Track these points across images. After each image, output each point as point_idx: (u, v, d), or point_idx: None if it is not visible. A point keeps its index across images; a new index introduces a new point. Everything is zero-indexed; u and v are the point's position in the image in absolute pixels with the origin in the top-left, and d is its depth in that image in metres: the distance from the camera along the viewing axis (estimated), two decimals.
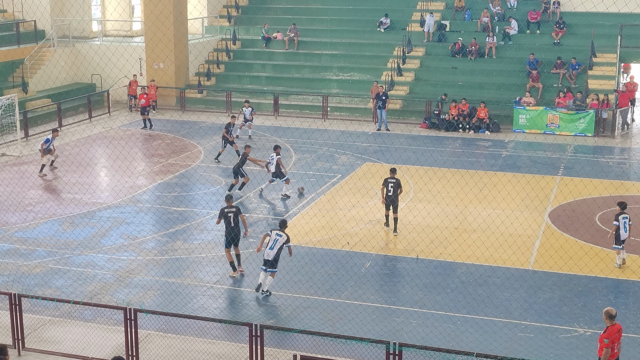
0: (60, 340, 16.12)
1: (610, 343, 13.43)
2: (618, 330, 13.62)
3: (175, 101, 41.73)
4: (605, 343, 13.44)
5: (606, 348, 13.44)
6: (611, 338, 13.46)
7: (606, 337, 13.45)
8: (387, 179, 22.68)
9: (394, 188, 22.50)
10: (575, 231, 22.58)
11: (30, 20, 41.98)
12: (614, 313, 13.60)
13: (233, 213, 19.53)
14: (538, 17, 42.24)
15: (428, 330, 16.52)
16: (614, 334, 13.52)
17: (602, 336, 13.54)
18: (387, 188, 22.55)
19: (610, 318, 13.59)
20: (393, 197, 22.47)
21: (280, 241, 18.48)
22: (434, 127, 36.61)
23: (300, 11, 47.45)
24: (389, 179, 22.66)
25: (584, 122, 35.25)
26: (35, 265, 20.18)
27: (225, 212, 19.52)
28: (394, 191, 22.48)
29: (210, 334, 16.34)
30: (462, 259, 20.59)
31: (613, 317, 13.59)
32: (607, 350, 13.43)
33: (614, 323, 13.60)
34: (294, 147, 32.60)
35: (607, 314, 13.64)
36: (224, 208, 19.65)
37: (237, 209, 19.73)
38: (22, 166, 29.78)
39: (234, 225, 19.41)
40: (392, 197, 22.47)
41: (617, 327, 13.61)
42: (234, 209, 19.67)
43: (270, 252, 18.35)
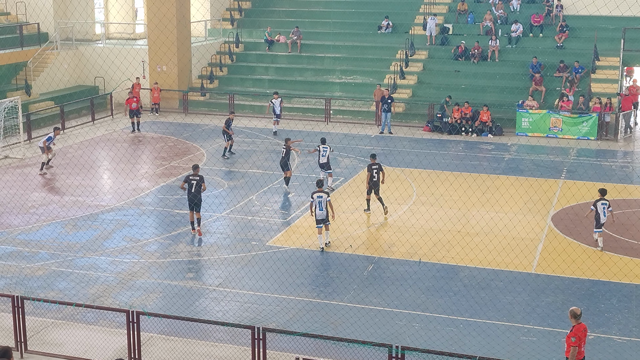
0: (63, 343, 16.12)
1: (577, 341, 13.58)
2: (584, 329, 13.75)
3: (178, 104, 41.77)
4: (572, 342, 13.59)
5: (573, 347, 13.58)
6: (578, 336, 13.60)
7: (573, 336, 13.62)
8: (370, 165, 24.09)
9: (377, 173, 23.89)
10: (578, 234, 22.55)
11: (33, 22, 42.05)
12: (579, 312, 13.78)
13: (196, 181, 22.13)
14: (541, 20, 42.23)
15: (430, 333, 16.50)
16: (580, 332, 13.65)
17: (569, 335, 13.69)
18: (371, 174, 23.92)
19: (575, 317, 13.76)
20: (377, 180, 23.93)
21: (325, 199, 21.35)
22: (436, 130, 36.61)
23: (303, 14, 47.50)
24: (372, 165, 24.06)
25: (586, 125, 35.23)
26: (38, 267, 20.19)
27: (190, 179, 22.22)
28: (378, 176, 23.90)
29: (212, 336, 16.35)
30: (465, 262, 20.57)
31: (578, 316, 13.76)
32: (574, 349, 13.56)
33: (580, 322, 13.75)
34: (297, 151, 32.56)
35: (573, 313, 13.82)
36: (189, 175, 22.40)
37: (200, 177, 22.25)
38: (25, 168, 29.81)
39: (194, 191, 22.03)
40: (375, 181, 23.92)
41: (582, 326, 13.76)
42: (198, 177, 22.22)
43: (322, 213, 21.31)
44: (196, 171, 22.43)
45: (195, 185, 22.14)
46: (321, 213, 21.34)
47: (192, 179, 22.20)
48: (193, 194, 22.10)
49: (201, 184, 22.17)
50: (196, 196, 22.10)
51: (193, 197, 22.08)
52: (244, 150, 32.64)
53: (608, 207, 21.44)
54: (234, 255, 21.14)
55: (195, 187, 22.11)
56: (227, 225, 23.63)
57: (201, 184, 22.17)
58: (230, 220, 24.03)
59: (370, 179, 23.94)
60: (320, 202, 21.36)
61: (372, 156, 24.60)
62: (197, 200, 22.15)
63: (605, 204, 21.46)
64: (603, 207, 21.43)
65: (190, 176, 22.31)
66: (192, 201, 22.12)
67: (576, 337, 13.54)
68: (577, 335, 13.56)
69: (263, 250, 21.48)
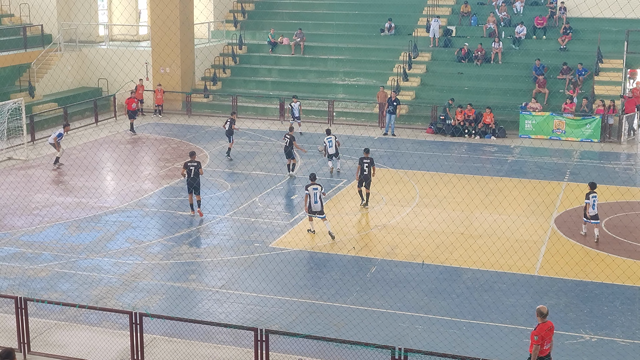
0: (66, 344, 16.14)
1: (540, 340, 13.73)
2: (549, 328, 13.89)
3: (181, 105, 41.80)
4: (535, 340, 13.73)
5: (536, 345, 13.72)
6: (541, 335, 13.75)
7: (536, 334, 13.75)
8: (362, 159, 25.06)
9: (368, 167, 24.87)
10: (582, 237, 22.53)
11: (37, 24, 42.11)
12: (545, 311, 13.92)
13: (194, 167, 23.92)
14: (544, 22, 42.23)
15: (433, 335, 16.49)
16: (544, 331, 13.80)
17: (533, 333, 13.88)
18: (362, 167, 24.92)
19: (541, 315, 13.91)
20: (368, 174, 24.89)
21: (320, 191, 22.29)
22: (439, 132, 36.61)
23: (307, 16, 47.52)
24: (363, 159, 25.01)
25: (590, 128, 35.21)
26: (41, 269, 20.21)
27: (188, 165, 24.01)
28: (369, 170, 24.88)
29: (215, 338, 16.35)
30: (468, 265, 20.56)
31: (544, 314, 13.90)
32: (536, 347, 13.73)
33: (546, 320, 13.89)
34: (300, 152, 32.58)
35: (539, 311, 13.96)
36: (188, 162, 24.11)
37: (197, 163, 24.08)
38: (28, 170, 29.85)
39: (194, 175, 23.83)
40: (367, 174, 24.90)
41: (548, 325, 13.89)
42: (195, 163, 24.03)
43: (317, 205, 22.19)
44: (193, 157, 24.30)
45: (193, 170, 23.95)
46: (316, 205, 22.25)
47: (190, 164, 24.07)
48: (192, 178, 23.88)
49: (199, 169, 24.04)
50: (195, 180, 23.91)
51: (192, 180, 23.88)
52: (247, 152, 32.66)
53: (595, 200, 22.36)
54: (237, 257, 21.15)
55: (194, 172, 23.93)
56: (230, 227, 23.64)
57: (199, 169, 24.04)
58: (233, 222, 24.05)
59: (361, 172, 24.94)
60: (316, 194, 22.26)
61: (365, 150, 25.46)
62: (195, 183, 23.94)
63: (595, 196, 22.29)
64: (594, 199, 22.26)
65: (189, 162, 24.16)
66: (192, 185, 23.94)
67: (539, 335, 13.73)
68: (541, 333, 13.76)
69: (266, 252, 21.49)
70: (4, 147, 32.11)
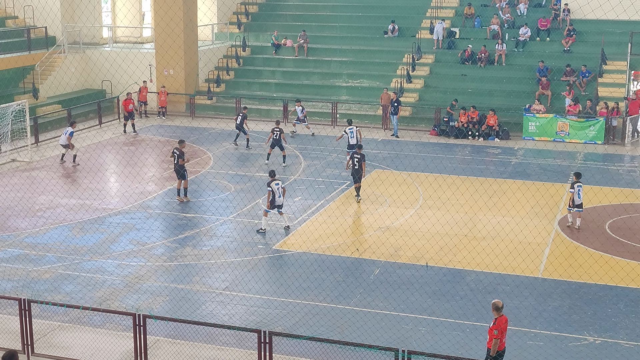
0: (70, 346, 16.15)
1: (500, 334, 13.93)
2: (505, 322, 14.08)
3: (185, 107, 41.85)
4: (494, 334, 13.92)
5: (495, 339, 13.91)
6: (500, 329, 13.94)
7: (495, 329, 13.92)
8: (353, 154, 26.12)
9: (359, 162, 25.76)
10: (585, 239, 22.51)
11: (41, 26, 42.19)
12: (500, 305, 14.10)
13: (177, 155, 25.63)
14: (548, 24, 42.21)
15: (437, 337, 16.48)
16: (502, 324, 13.98)
17: (492, 328, 13.99)
18: (353, 162, 25.93)
19: (497, 310, 14.08)
20: (358, 169, 25.76)
21: (281, 186, 23.24)
22: (443, 134, 36.59)
23: (310, 18, 47.55)
24: (354, 154, 26.02)
25: (593, 129, 35.17)
26: (45, 270, 20.24)
27: (174, 151, 25.80)
28: (359, 164, 25.74)
29: (219, 340, 16.35)
30: (472, 267, 20.54)
31: (500, 308, 14.08)
32: (496, 341, 13.92)
33: (501, 315, 14.07)
34: (303, 153, 32.63)
35: (495, 305, 14.13)
36: (175, 148, 25.98)
37: (180, 152, 25.59)
38: (32, 172, 29.90)
39: (176, 162, 25.57)
40: (357, 169, 25.77)
41: (504, 319, 14.09)
42: (179, 152, 25.62)
43: (281, 199, 23.17)
44: (181, 145, 26.16)
45: (177, 157, 25.71)
46: (280, 199, 23.17)
47: (175, 151, 25.91)
48: (176, 164, 25.79)
49: (179, 158, 25.62)
50: (177, 165, 25.68)
51: (175, 166, 25.89)
52: (250, 153, 32.68)
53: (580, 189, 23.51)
54: (241, 258, 21.16)
55: (177, 159, 25.69)
56: (233, 229, 23.65)
57: (179, 158, 25.62)
58: (236, 224, 24.06)
59: (353, 167, 25.90)
60: (278, 189, 23.12)
61: (359, 147, 26.35)
62: (177, 168, 25.72)
63: (580, 185, 23.39)
64: (579, 188, 23.31)
65: (175, 149, 26.03)
66: (178, 172, 25.79)
67: (498, 329, 13.92)
68: (499, 327, 13.94)
69: (269, 253, 21.50)
70: (7, 149, 32.17)
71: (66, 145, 30.86)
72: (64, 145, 30.95)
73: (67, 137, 30.78)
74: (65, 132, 31.10)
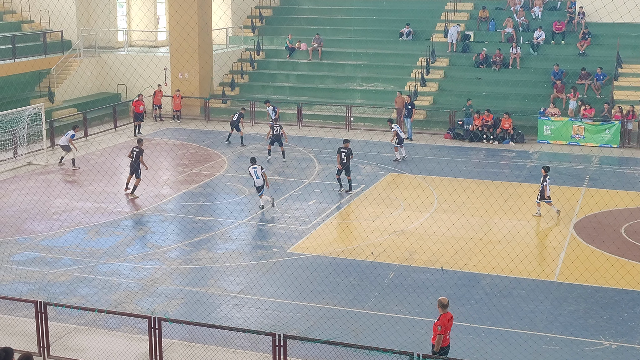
0: (85, 349, 16.22)
1: (443, 330, 14.16)
2: (450, 319, 14.32)
3: (199, 111, 41.96)
4: (438, 330, 14.14)
5: (439, 335, 14.13)
6: (444, 326, 14.17)
7: (439, 325, 14.15)
8: (340, 148, 27.15)
9: (347, 156, 26.89)
10: (601, 243, 22.39)
11: (57, 30, 42.44)
12: (446, 302, 14.40)
13: (136, 152, 26.90)
14: (563, 27, 42.07)
15: (452, 341, 16.37)
16: (446, 321, 14.21)
17: (436, 324, 14.24)
18: (340, 156, 26.96)
19: (442, 307, 14.35)
20: (346, 162, 26.92)
21: (260, 170, 25.38)
22: (457, 138, 36.53)
23: (324, 21, 47.61)
24: (342, 148, 27.09)
25: (609, 133, 35.01)
26: (60, 273, 20.33)
27: (133, 149, 27.20)
28: (347, 158, 26.90)
29: (234, 343, 16.37)
30: (487, 270, 20.48)
31: (445, 306, 14.36)
32: (439, 337, 14.14)
33: (446, 312, 14.33)
34: (318, 157, 32.65)
35: (440, 303, 14.40)
36: (134, 147, 27.42)
37: (140, 150, 26.99)
38: (48, 175, 30.05)
39: (134, 159, 26.86)
40: (345, 162, 26.93)
41: (449, 315, 14.33)
42: (138, 150, 26.97)
43: (259, 180, 25.27)
44: (139, 144, 27.44)
45: (136, 155, 26.87)
46: (259, 180, 25.19)
47: (134, 149, 27.10)
48: (133, 161, 26.94)
49: (139, 155, 26.86)
50: (135, 163, 26.87)
51: (133, 163, 26.95)
52: (264, 157, 32.70)
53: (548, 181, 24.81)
54: (255, 262, 21.18)
55: (135, 157, 26.85)
56: (248, 232, 23.68)
57: (139, 156, 26.85)
58: (251, 227, 24.09)
59: (340, 161, 26.93)
60: (256, 172, 25.28)
61: (345, 141, 27.50)
62: (136, 166, 26.87)
63: (549, 179, 24.68)
64: (548, 181, 24.57)
65: (134, 147, 27.25)
66: (133, 167, 26.98)
67: (442, 326, 14.14)
68: (443, 324, 14.15)
69: (284, 257, 21.51)
70: (23, 152, 32.35)
71: (65, 147, 30.98)
72: (63, 146, 31.09)
73: (67, 138, 30.92)
74: (66, 134, 31.28)
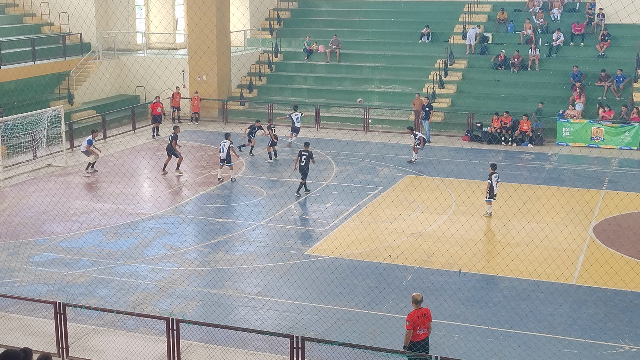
0: (104, 350, 16.29)
1: (411, 325, 14.28)
2: (423, 314, 14.43)
3: (217, 113, 42.06)
4: (407, 325, 14.35)
5: (407, 330, 14.32)
6: (412, 321, 14.29)
7: (407, 320, 14.37)
8: (301, 151, 27.21)
9: (306, 159, 26.94)
10: (621, 246, 22.24)
11: (76, 33, 42.66)
12: (419, 298, 14.53)
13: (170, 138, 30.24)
14: (582, 29, 41.84)
15: (470, 344, 16.37)
16: (415, 317, 14.32)
17: (406, 319, 14.46)
18: (300, 159, 27.06)
19: (415, 302, 14.51)
20: (304, 165, 26.91)
21: (226, 145, 28.58)
22: (476, 140, 36.40)
23: (342, 23, 47.59)
24: (302, 152, 27.16)
25: (629, 135, 34.78)
26: (79, 274, 20.43)
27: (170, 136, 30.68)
28: (307, 162, 26.96)
29: (251, 345, 16.39)
30: (505, 273, 20.39)
31: (418, 302, 14.48)
32: (408, 332, 14.31)
33: (419, 307, 14.44)
34: (336, 159, 32.63)
35: (413, 298, 14.59)
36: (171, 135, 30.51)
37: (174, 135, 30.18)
38: (67, 177, 30.22)
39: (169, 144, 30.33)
40: (303, 166, 26.98)
41: (421, 312, 14.44)
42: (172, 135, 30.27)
43: (223, 154, 28.63)
44: (175, 130, 30.86)
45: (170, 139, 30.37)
46: (222, 154, 28.59)
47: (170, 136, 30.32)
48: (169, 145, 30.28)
49: (173, 140, 30.09)
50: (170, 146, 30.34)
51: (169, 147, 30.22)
52: (283, 159, 32.75)
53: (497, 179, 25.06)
54: (273, 264, 21.20)
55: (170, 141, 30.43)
56: (265, 234, 23.71)
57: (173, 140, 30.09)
58: (269, 229, 24.11)
59: (298, 163, 27.10)
60: (224, 146, 28.56)
61: (306, 144, 27.69)
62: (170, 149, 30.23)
63: (497, 176, 24.93)
64: (496, 179, 24.78)
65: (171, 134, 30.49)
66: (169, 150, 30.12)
67: (410, 321, 14.29)
68: (412, 319, 14.29)
69: (302, 259, 21.51)
70: (43, 154, 32.56)
71: (86, 152, 31.00)
72: (84, 152, 31.12)
73: (86, 145, 30.90)
74: (84, 141, 31.35)
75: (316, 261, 21.26)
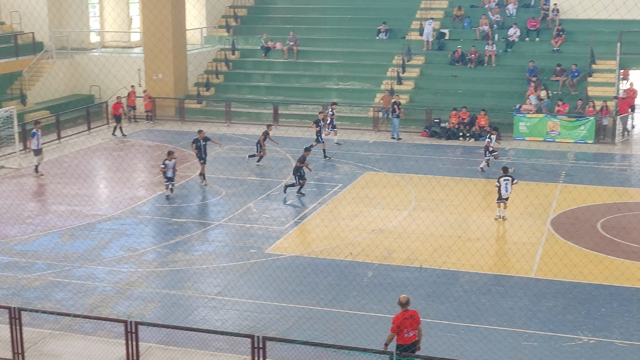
0: (61, 354, 15.99)
1: (396, 328, 14.24)
2: (410, 317, 14.34)
3: (174, 112, 41.68)
4: (391, 327, 14.32)
5: (391, 332, 14.31)
6: (397, 323, 14.24)
7: (392, 322, 14.35)
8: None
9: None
10: (579, 238, 22.46)
11: (28, 32, 41.95)
12: (404, 301, 14.43)
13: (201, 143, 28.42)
14: (537, 24, 42.23)
15: (432, 340, 16.36)
16: (400, 319, 14.26)
17: (391, 321, 14.44)
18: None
19: (401, 305, 14.45)
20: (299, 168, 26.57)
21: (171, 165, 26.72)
22: (435, 136, 36.53)
23: (300, 20, 47.46)
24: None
25: (584, 129, 35.18)
26: (35, 278, 20.05)
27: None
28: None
29: (212, 346, 16.21)
30: (465, 268, 20.46)
31: (403, 304, 14.41)
32: (391, 334, 14.32)
33: (406, 309, 14.38)
34: (295, 157, 32.47)
35: (399, 301, 14.55)
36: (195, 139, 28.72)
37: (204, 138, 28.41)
38: (21, 178, 29.68)
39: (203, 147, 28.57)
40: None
41: (407, 314, 14.36)
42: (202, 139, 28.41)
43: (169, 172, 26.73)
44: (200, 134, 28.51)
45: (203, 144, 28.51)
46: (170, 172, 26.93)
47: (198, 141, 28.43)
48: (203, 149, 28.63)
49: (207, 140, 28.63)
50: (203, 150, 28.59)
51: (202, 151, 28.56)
52: (241, 157, 32.52)
53: (513, 181, 24.25)
54: (233, 263, 21.02)
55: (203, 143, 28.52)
56: (225, 233, 23.51)
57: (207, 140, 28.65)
58: (228, 228, 23.92)
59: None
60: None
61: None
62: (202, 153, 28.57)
63: (507, 180, 24.07)
64: (505, 183, 24.02)
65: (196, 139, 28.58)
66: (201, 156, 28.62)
67: (394, 323, 14.26)
68: (396, 322, 14.26)
69: (262, 258, 21.36)
70: None
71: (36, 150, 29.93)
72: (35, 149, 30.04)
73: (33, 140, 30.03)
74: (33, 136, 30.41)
75: (277, 260, 21.14)
